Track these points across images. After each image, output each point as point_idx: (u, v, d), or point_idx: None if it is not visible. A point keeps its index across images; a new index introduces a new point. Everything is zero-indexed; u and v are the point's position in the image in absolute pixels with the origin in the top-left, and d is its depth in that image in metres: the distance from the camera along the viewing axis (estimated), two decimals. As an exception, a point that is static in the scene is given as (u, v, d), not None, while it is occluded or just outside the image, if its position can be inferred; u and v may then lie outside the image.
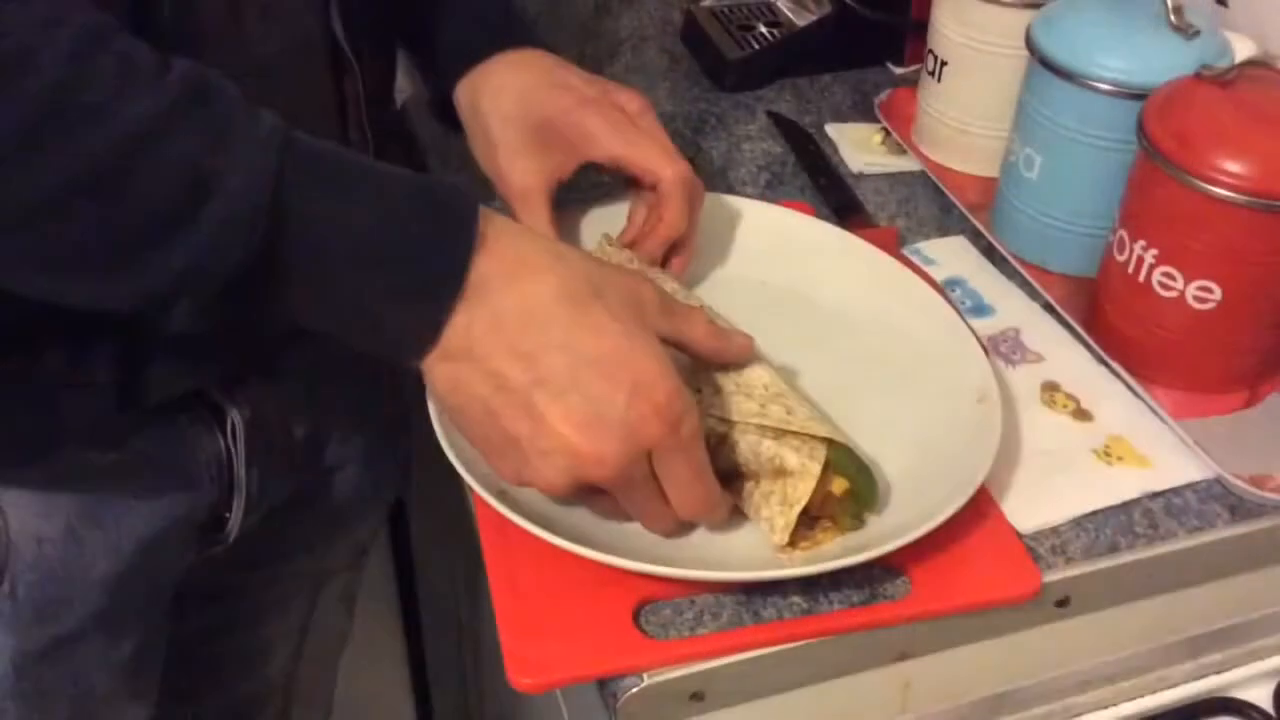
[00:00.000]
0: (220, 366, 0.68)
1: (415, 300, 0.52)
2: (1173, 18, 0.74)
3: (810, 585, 0.60)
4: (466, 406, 0.54)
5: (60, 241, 0.46)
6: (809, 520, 0.61)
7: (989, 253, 0.84)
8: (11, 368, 0.59)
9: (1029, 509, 0.65)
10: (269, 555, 0.84)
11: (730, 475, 0.61)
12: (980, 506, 0.63)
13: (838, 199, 0.88)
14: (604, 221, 0.77)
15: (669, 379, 0.53)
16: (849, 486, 0.60)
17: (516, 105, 0.72)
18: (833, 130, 0.97)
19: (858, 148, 0.94)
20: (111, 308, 0.50)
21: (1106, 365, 0.74)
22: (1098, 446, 0.69)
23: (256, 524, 0.76)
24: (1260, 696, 0.70)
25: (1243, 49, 0.77)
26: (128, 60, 0.46)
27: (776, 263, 0.77)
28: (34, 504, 0.63)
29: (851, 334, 0.74)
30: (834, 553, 0.60)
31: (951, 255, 0.84)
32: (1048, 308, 0.79)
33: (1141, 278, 0.71)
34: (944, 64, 0.89)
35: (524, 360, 0.52)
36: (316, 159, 0.50)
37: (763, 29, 1.07)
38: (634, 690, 0.57)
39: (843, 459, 0.61)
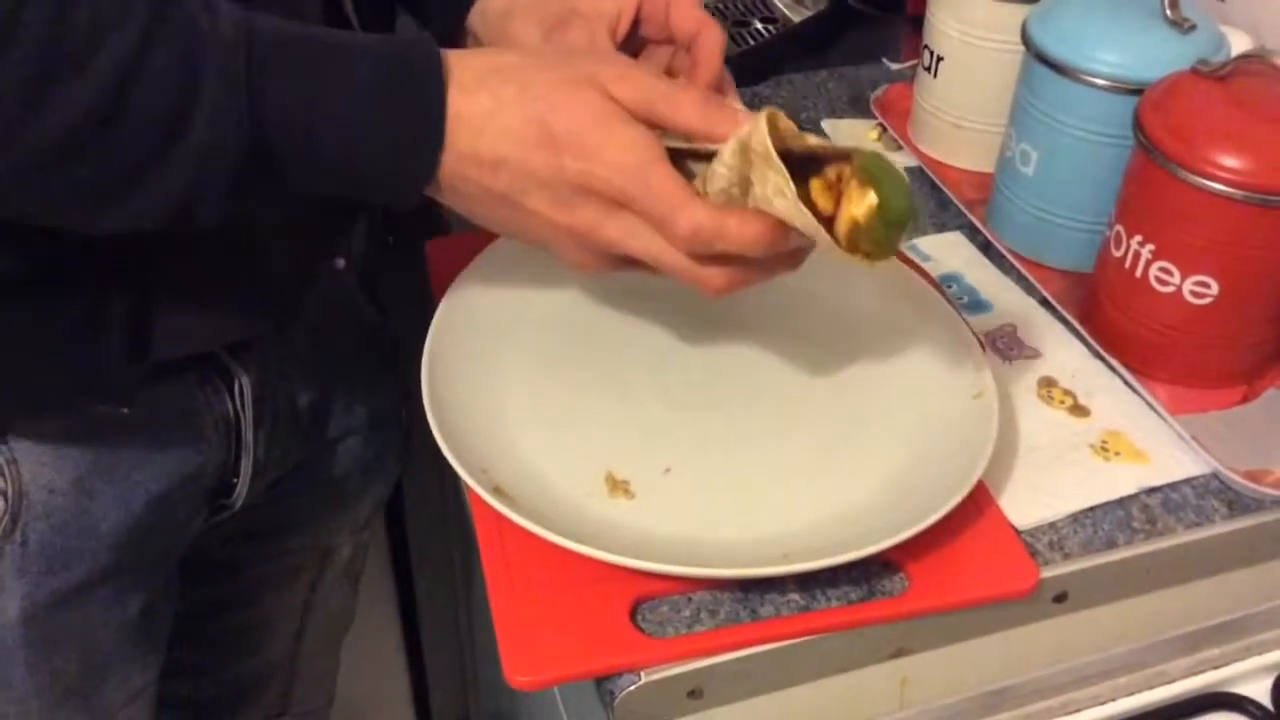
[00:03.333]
0: (228, 329, 0.68)
1: (400, 160, 0.56)
2: (1169, 12, 0.74)
3: (807, 582, 0.60)
4: (475, 213, 0.60)
5: (75, 178, 0.50)
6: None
7: (985, 248, 0.84)
8: (25, 315, 0.60)
9: (1026, 505, 0.65)
10: (274, 527, 0.86)
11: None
12: (977, 502, 0.63)
13: (834, 195, 0.88)
14: None
15: (607, 150, 0.56)
16: (875, 203, 0.52)
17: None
18: (829, 126, 0.97)
19: (854, 143, 0.94)
20: (134, 227, 0.53)
21: (1103, 360, 0.74)
22: (1095, 442, 0.69)
23: (262, 494, 0.77)
24: (1258, 691, 0.70)
25: (1239, 43, 0.77)
26: (96, 2, 0.48)
27: (773, 259, 0.77)
28: (46, 454, 0.64)
29: (848, 330, 0.74)
30: (833, 539, 0.60)
31: (948, 251, 0.83)
32: (1044, 303, 0.79)
33: (1138, 273, 0.70)
34: (940, 59, 0.89)
35: (492, 173, 0.57)
36: (283, 45, 0.53)
37: (759, 25, 1.07)
38: (631, 688, 0.57)
39: (868, 164, 0.53)
